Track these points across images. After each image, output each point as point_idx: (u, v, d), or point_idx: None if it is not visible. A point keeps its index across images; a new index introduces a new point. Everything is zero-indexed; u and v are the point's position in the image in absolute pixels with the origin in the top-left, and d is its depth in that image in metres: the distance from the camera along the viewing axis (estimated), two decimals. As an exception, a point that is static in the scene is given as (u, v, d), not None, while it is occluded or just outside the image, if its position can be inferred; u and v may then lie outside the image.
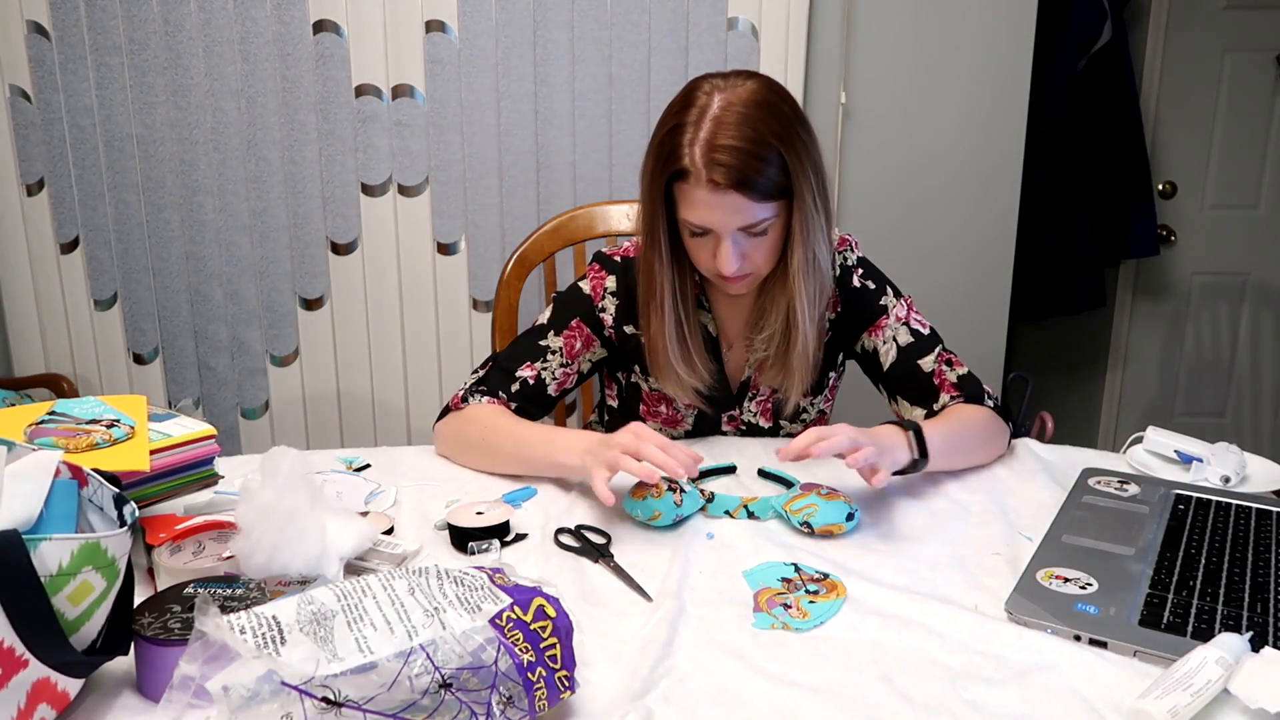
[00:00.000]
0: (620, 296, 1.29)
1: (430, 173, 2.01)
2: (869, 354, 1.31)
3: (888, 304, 1.30)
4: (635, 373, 1.34)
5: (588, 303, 1.30)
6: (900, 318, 1.29)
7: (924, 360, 1.27)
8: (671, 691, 0.74)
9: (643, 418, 1.35)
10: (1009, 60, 2.03)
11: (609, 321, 1.30)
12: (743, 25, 1.96)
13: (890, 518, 1.07)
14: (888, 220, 2.10)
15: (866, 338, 1.31)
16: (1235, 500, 1.06)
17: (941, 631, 0.83)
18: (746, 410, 1.34)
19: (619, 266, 1.30)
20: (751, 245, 1.15)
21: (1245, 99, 2.69)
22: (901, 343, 1.28)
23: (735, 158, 1.09)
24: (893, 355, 1.28)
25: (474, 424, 1.23)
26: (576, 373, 1.31)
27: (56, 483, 0.70)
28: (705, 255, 1.17)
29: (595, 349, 1.31)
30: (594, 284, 1.31)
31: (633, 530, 1.04)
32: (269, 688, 0.58)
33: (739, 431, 1.36)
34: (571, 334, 1.29)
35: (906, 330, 1.29)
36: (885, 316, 1.29)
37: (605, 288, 1.30)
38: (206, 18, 1.92)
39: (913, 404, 1.28)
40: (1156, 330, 2.89)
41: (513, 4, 1.92)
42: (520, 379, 1.27)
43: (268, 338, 2.11)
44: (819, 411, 1.38)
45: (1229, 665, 0.70)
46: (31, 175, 2.01)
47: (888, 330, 1.29)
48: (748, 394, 1.33)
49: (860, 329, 1.31)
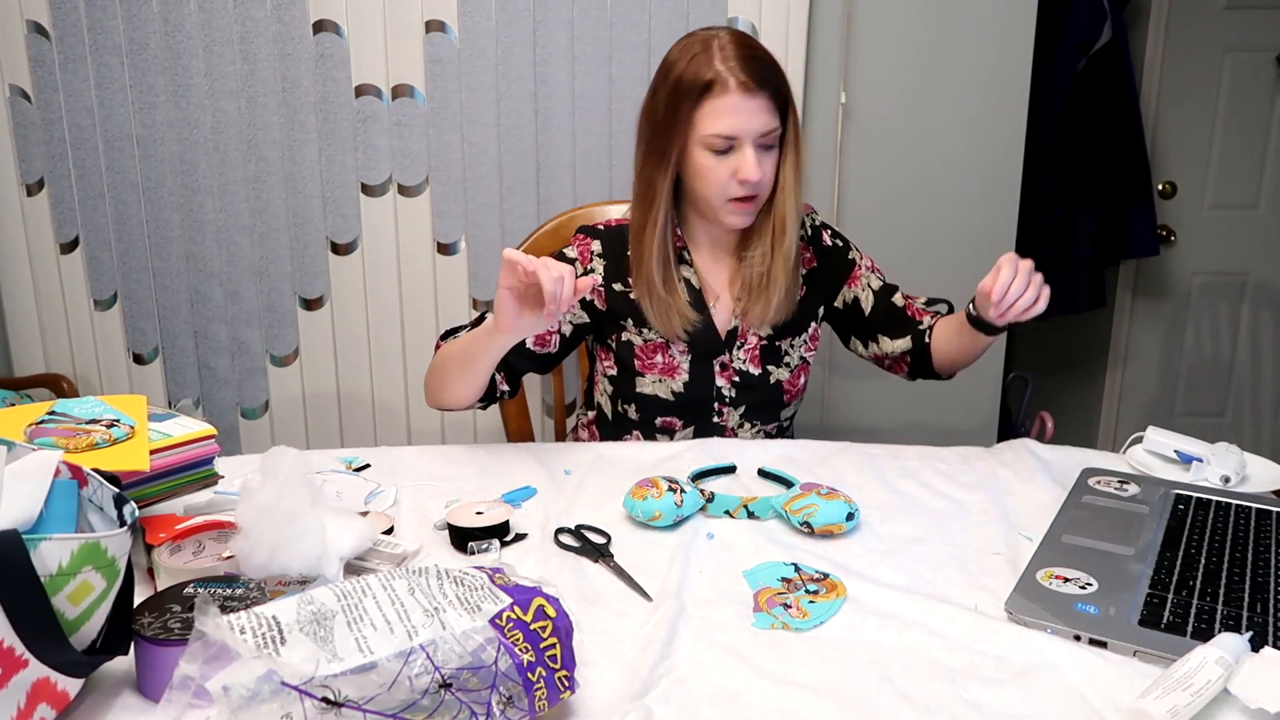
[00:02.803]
0: (607, 257, 1.39)
1: (430, 173, 2.01)
2: (850, 305, 1.45)
3: (855, 258, 1.46)
4: (628, 328, 1.39)
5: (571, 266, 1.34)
6: (869, 268, 1.46)
7: (894, 299, 1.43)
8: (671, 691, 0.74)
9: (640, 372, 1.40)
10: (1009, 60, 2.03)
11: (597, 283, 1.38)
12: (743, 25, 1.96)
13: (890, 518, 1.07)
14: (887, 220, 2.10)
15: (847, 290, 1.45)
16: (1235, 500, 1.06)
17: (941, 631, 0.83)
18: (736, 357, 1.40)
19: (602, 234, 1.41)
20: (763, 159, 1.27)
21: (1245, 99, 2.69)
22: (875, 288, 1.44)
23: (762, 63, 1.24)
24: (871, 300, 1.44)
25: (444, 352, 1.32)
26: (557, 333, 1.37)
27: (56, 483, 0.70)
28: (726, 174, 1.27)
29: (575, 310, 1.38)
30: (580, 249, 1.40)
31: (633, 530, 1.04)
32: (269, 688, 0.58)
33: (732, 383, 1.40)
34: None
35: (875, 276, 1.46)
36: (857, 268, 1.45)
37: (592, 250, 1.40)
38: (206, 18, 1.92)
39: (893, 337, 1.43)
40: (1156, 330, 2.89)
41: (513, 4, 1.92)
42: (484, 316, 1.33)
43: (268, 338, 2.11)
44: (801, 359, 1.44)
45: (1229, 665, 0.70)
46: (31, 175, 2.01)
47: (863, 280, 1.45)
48: (736, 341, 1.39)
49: (839, 282, 1.45)
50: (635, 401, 1.40)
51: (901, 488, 1.16)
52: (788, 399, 1.43)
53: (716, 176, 1.27)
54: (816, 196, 2.07)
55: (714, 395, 1.40)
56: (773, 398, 1.41)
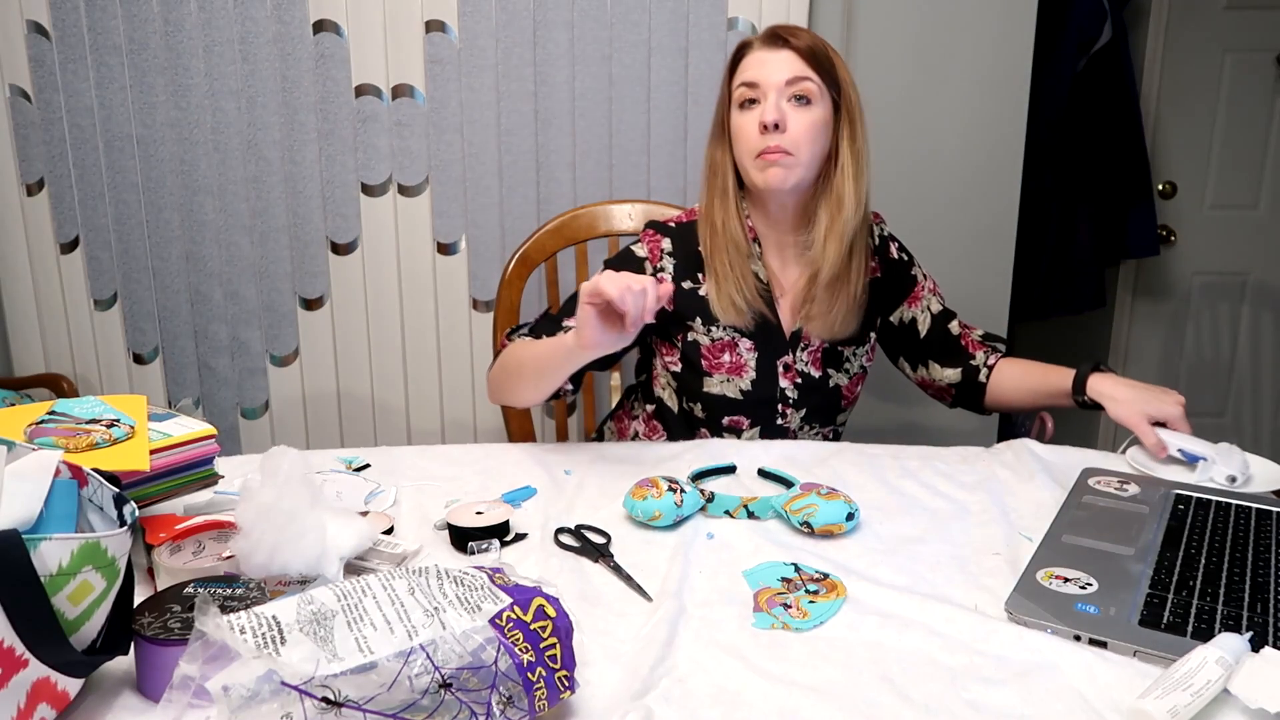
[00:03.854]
0: (678, 256, 1.38)
1: (430, 173, 2.01)
2: (906, 324, 1.45)
3: (918, 276, 1.46)
4: (695, 327, 1.38)
5: (639, 264, 1.39)
6: (931, 290, 1.46)
7: (951, 325, 1.44)
8: (671, 691, 0.74)
9: (708, 372, 1.39)
10: (1009, 60, 2.03)
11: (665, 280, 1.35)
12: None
13: (890, 518, 1.07)
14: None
15: (906, 308, 1.45)
16: (1235, 500, 1.06)
17: (941, 631, 0.83)
18: (799, 359, 1.39)
19: (673, 230, 1.40)
20: (793, 113, 1.26)
21: (1245, 99, 2.69)
22: (935, 311, 1.45)
23: (793, 30, 1.28)
24: (928, 323, 1.44)
25: (513, 354, 1.33)
26: None
27: (56, 482, 0.70)
28: (751, 126, 1.28)
29: None
30: (650, 246, 1.40)
31: (633, 530, 1.04)
32: (269, 688, 0.58)
33: (795, 385, 1.39)
34: None
35: (936, 300, 1.46)
36: (919, 288, 1.45)
37: (662, 249, 1.39)
38: (206, 18, 1.92)
39: (943, 365, 1.45)
40: (1156, 330, 2.89)
41: (513, 4, 1.92)
42: (565, 328, 1.32)
43: (268, 338, 2.11)
44: (860, 367, 1.44)
45: (1229, 665, 0.70)
46: (31, 175, 2.01)
47: (923, 301, 1.45)
48: (800, 343, 1.39)
49: (899, 298, 1.45)
50: (702, 401, 1.40)
51: (901, 488, 1.16)
52: (844, 404, 1.43)
53: (744, 131, 1.29)
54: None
55: (778, 396, 1.39)
56: (832, 402, 1.41)
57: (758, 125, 1.26)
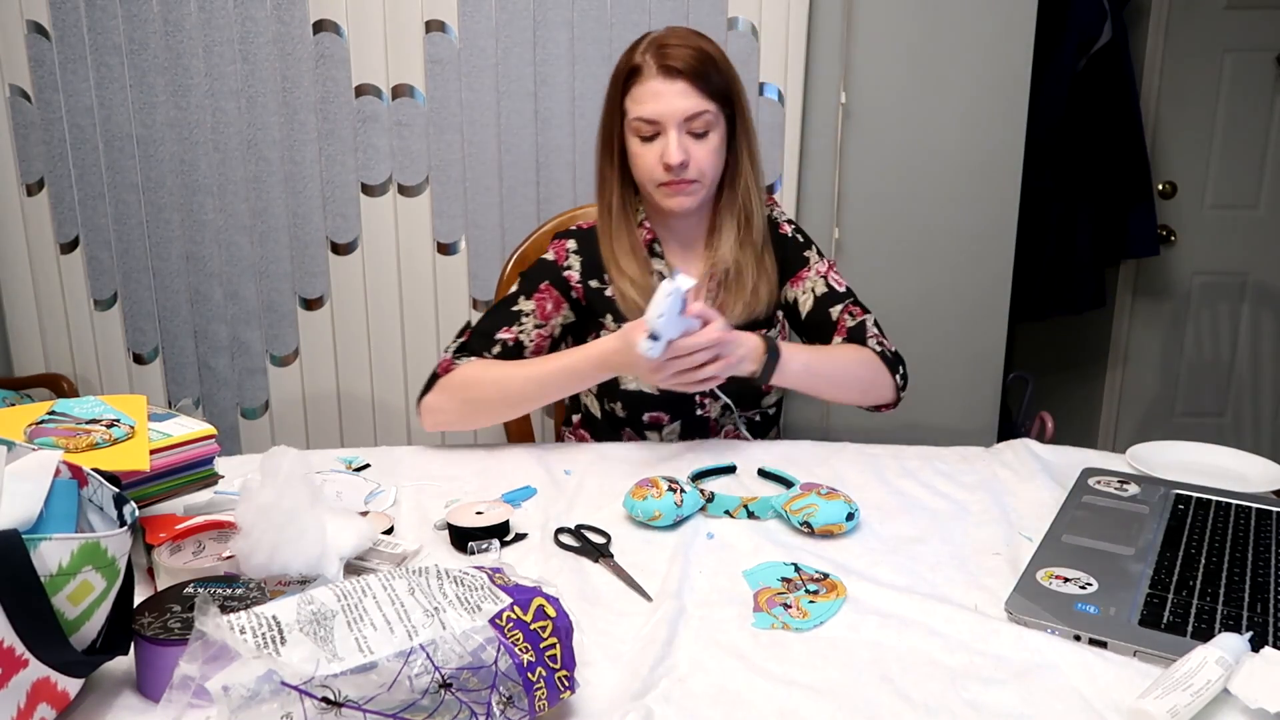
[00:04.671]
0: (583, 254, 1.40)
1: (430, 173, 2.01)
2: (790, 305, 1.43)
3: (810, 258, 1.43)
4: (607, 325, 1.40)
5: (553, 268, 1.40)
6: (820, 272, 1.43)
7: (832, 310, 1.40)
8: (671, 691, 0.74)
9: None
10: (1009, 60, 2.03)
11: (575, 279, 1.40)
12: (743, 25, 1.96)
13: (890, 518, 1.07)
14: (888, 220, 2.10)
15: (789, 288, 1.43)
16: (1235, 500, 1.06)
17: (941, 631, 0.83)
18: None
19: (577, 234, 1.42)
20: (695, 146, 1.28)
21: (1245, 99, 2.69)
22: (818, 294, 1.41)
23: (683, 51, 1.27)
24: (810, 305, 1.41)
25: (480, 380, 1.30)
26: (550, 335, 1.39)
27: (56, 483, 0.70)
28: (653, 159, 1.29)
29: (565, 311, 1.40)
30: (556, 251, 1.42)
31: (633, 530, 1.04)
32: (269, 688, 0.58)
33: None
34: (542, 296, 1.38)
35: (824, 283, 1.42)
36: (806, 269, 1.42)
37: (568, 249, 1.41)
38: (206, 18, 1.92)
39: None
40: (1156, 330, 2.89)
41: (513, 4, 1.92)
42: (500, 341, 1.35)
43: (268, 338, 2.11)
44: None
45: (1229, 665, 0.70)
46: (31, 175, 2.01)
47: (807, 282, 1.42)
48: None
49: (784, 279, 1.43)
50: (621, 399, 1.40)
51: (901, 488, 1.16)
52: (766, 388, 1.42)
53: (645, 162, 1.30)
54: (817, 196, 2.07)
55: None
56: (752, 386, 1.39)
57: (659, 161, 1.28)
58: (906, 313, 2.10)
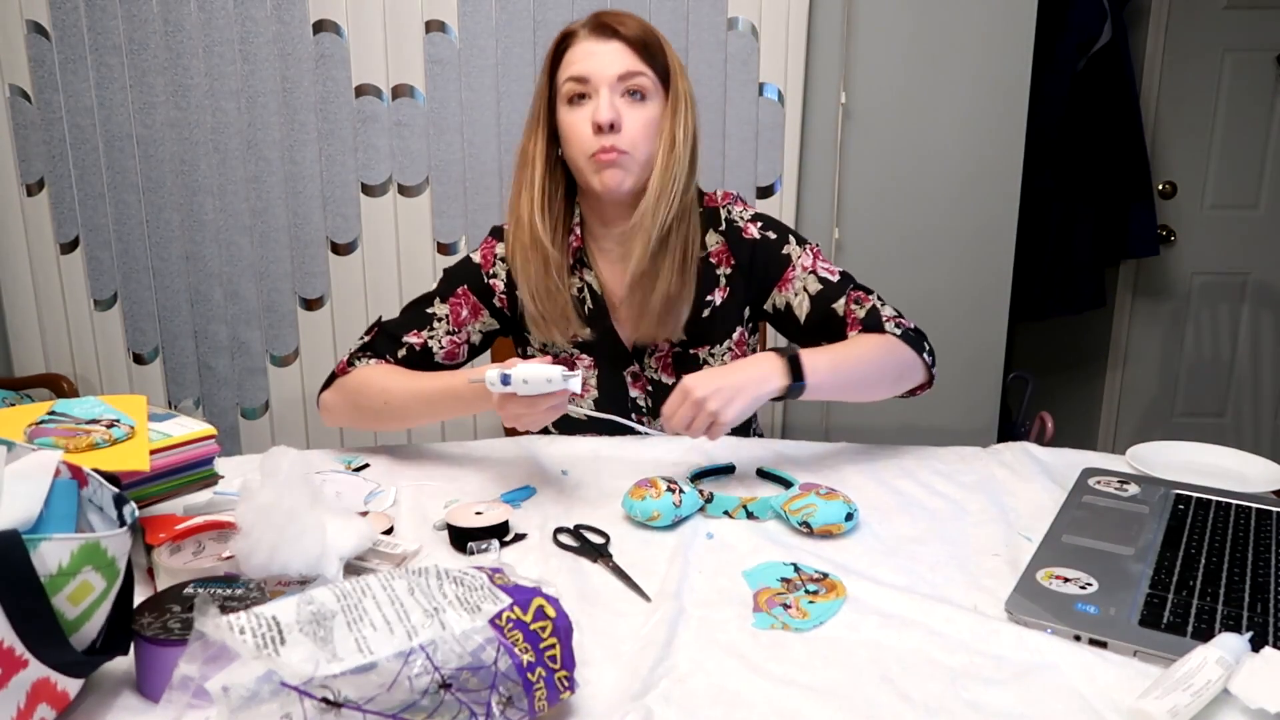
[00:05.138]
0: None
1: (430, 173, 2.01)
2: (782, 312, 1.30)
3: (791, 254, 1.29)
4: (532, 342, 1.34)
5: (475, 271, 1.32)
6: (807, 267, 1.29)
7: (836, 304, 1.27)
8: (671, 691, 0.74)
9: None
10: (1009, 60, 2.03)
11: (500, 288, 1.31)
12: (743, 25, 1.96)
13: (890, 518, 1.07)
14: (888, 220, 2.10)
15: (777, 294, 1.30)
16: (1235, 500, 1.06)
17: (941, 631, 0.83)
18: (648, 366, 1.33)
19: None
20: (629, 110, 1.18)
21: (1245, 99, 2.69)
22: (812, 292, 1.27)
23: (622, 17, 1.20)
24: (806, 306, 1.28)
25: (369, 387, 1.24)
26: (466, 343, 1.32)
27: (56, 483, 0.70)
28: (584, 127, 1.18)
29: (484, 318, 1.32)
30: (484, 252, 1.32)
31: (632, 530, 1.04)
32: (269, 688, 0.58)
33: (645, 392, 1.34)
34: (457, 301, 1.31)
35: (815, 279, 1.28)
36: (791, 269, 1.29)
37: (496, 254, 1.31)
38: (206, 18, 1.92)
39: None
40: (1156, 330, 2.89)
41: (513, 4, 1.92)
42: (407, 344, 1.28)
43: (268, 338, 2.11)
44: None
45: (1229, 665, 0.70)
46: (31, 175, 2.01)
47: (796, 283, 1.28)
48: (646, 349, 1.32)
49: (768, 285, 1.30)
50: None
51: (901, 488, 1.16)
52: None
53: (578, 131, 1.19)
54: (817, 196, 2.08)
55: (630, 407, 1.34)
56: None
57: (590, 124, 1.17)
58: (906, 313, 2.10)
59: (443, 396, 1.19)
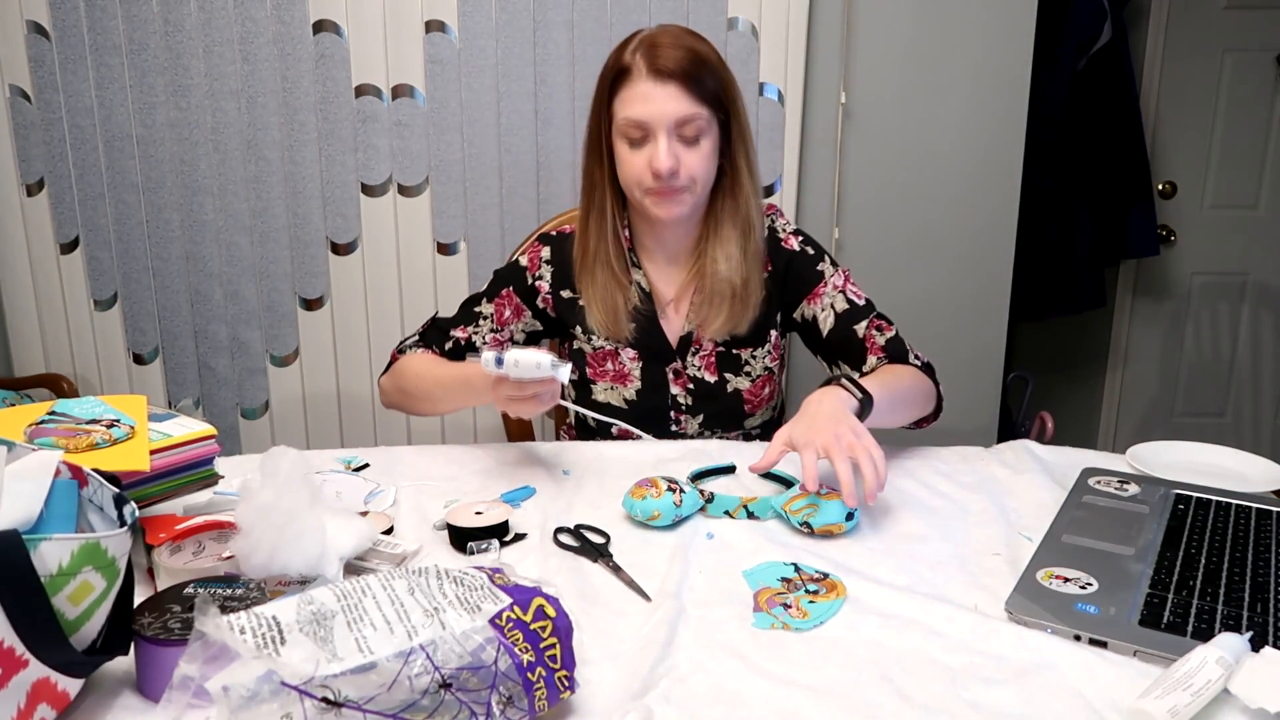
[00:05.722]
0: (555, 264, 1.39)
1: (430, 173, 2.01)
2: (809, 322, 1.37)
3: (825, 271, 1.36)
4: (578, 336, 1.39)
5: (522, 274, 1.40)
6: (838, 286, 1.35)
7: (858, 326, 1.33)
8: (671, 691, 0.74)
9: (592, 380, 1.40)
10: (1009, 60, 2.03)
11: (545, 289, 1.39)
12: (743, 25, 1.96)
13: (890, 518, 1.07)
14: (888, 219, 2.10)
15: (806, 305, 1.36)
16: (1235, 500, 1.06)
17: (941, 631, 0.83)
18: (690, 364, 1.37)
19: (554, 240, 1.41)
20: (686, 152, 1.23)
21: (1245, 99, 2.69)
22: (839, 310, 1.34)
23: (674, 53, 1.21)
24: (831, 322, 1.34)
25: (409, 372, 1.35)
26: (508, 340, 1.41)
27: (56, 483, 0.70)
28: (641, 164, 1.24)
29: (526, 319, 1.41)
30: (531, 256, 1.41)
31: (632, 530, 1.04)
32: (269, 688, 0.58)
33: (687, 390, 1.38)
34: (501, 302, 1.40)
35: (843, 298, 1.35)
36: (823, 284, 1.35)
37: (541, 258, 1.40)
38: (206, 18, 1.92)
39: (851, 367, 1.35)
40: (1156, 330, 2.89)
41: (513, 4, 1.92)
42: (453, 338, 1.39)
43: (268, 338, 2.11)
44: (765, 369, 1.39)
45: (1229, 665, 0.70)
46: (31, 175, 2.01)
47: (825, 298, 1.35)
48: (690, 348, 1.37)
49: (800, 295, 1.36)
50: (592, 408, 1.40)
51: (901, 487, 1.16)
52: (750, 409, 1.39)
53: (632, 168, 1.25)
54: (816, 196, 2.08)
55: (669, 403, 1.38)
56: (732, 406, 1.38)
57: (648, 166, 1.23)
58: (906, 313, 2.10)
59: (457, 383, 1.27)
